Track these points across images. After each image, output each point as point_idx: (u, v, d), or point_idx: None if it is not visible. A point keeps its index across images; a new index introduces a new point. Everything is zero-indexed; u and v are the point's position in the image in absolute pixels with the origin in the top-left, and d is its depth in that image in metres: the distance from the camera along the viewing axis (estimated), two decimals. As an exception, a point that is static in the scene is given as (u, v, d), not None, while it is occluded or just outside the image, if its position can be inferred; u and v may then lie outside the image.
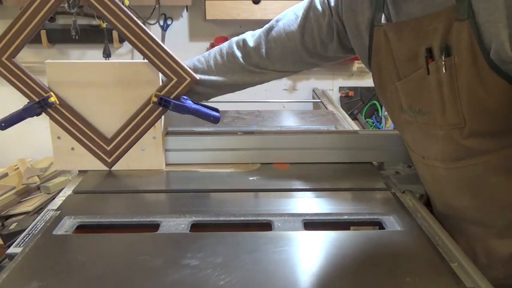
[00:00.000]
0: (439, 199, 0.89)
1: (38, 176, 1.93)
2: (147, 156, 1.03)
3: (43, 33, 2.23)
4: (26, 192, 1.88)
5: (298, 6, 1.02)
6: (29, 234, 0.77)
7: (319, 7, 0.97)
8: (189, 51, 2.31)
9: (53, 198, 0.94)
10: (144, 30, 0.95)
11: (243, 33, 1.07)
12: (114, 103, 1.00)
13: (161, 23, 2.28)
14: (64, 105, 0.99)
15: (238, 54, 1.04)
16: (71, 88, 0.99)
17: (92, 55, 2.30)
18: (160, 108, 0.99)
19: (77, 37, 2.04)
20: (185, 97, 1.01)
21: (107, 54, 2.17)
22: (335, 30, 0.96)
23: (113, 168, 1.03)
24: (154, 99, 0.98)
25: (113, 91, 0.99)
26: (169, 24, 2.31)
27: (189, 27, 2.32)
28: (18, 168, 2.05)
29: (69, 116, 0.99)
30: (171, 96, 0.99)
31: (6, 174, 2.00)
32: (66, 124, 1.00)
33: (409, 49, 0.77)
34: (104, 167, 1.03)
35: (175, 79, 0.98)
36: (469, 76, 0.69)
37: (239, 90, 1.09)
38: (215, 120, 1.03)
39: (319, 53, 1.01)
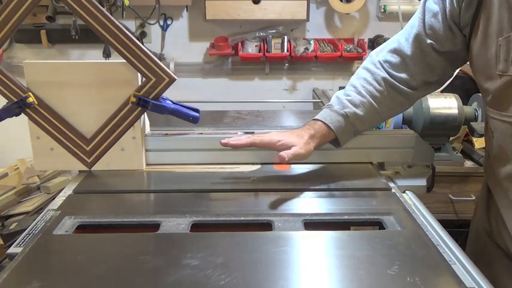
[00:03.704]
0: None
1: (38, 176, 1.92)
2: (126, 156, 1.03)
3: (43, 33, 2.22)
4: (26, 192, 1.88)
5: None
6: (29, 234, 0.77)
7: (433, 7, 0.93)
8: (189, 51, 2.31)
9: (53, 198, 0.94)
10: (122, 30, 0.94)
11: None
12: (93, 103, 1.00)
13: (161, 23, 2.28)
14: (43, 105, 0.99)
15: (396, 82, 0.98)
16: (50, 88, 0.98)
17: (92, 55, 2.30)
18: (139, 109, 0.99)
19: (77, 37, 2.03)
20: (164, 97, 1.00)
21: (106, 54, 2.16)
22: (451, 20, 0.91)
23: (92, 169, 1.03)
24: (133, 99, 0.98)
25: (92, 91, 0.99)
26: (169, 24, 2.30)
27: (189, 27, 2.31)
28: (18, 168, 2.04)
29: (48, 116, 0.99)
30: (150, 96, 0.99)
31: (6, 174, 2.00)
32: (45, 124, 0.99)
33: None
34: (84, 167, 1.03)
35: (153, 79, 0.97)
36: None
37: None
38: (194, 120, 1.03)
39: (448, 51, 0.95)
